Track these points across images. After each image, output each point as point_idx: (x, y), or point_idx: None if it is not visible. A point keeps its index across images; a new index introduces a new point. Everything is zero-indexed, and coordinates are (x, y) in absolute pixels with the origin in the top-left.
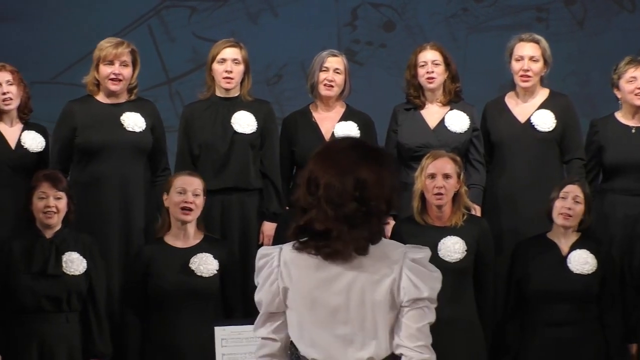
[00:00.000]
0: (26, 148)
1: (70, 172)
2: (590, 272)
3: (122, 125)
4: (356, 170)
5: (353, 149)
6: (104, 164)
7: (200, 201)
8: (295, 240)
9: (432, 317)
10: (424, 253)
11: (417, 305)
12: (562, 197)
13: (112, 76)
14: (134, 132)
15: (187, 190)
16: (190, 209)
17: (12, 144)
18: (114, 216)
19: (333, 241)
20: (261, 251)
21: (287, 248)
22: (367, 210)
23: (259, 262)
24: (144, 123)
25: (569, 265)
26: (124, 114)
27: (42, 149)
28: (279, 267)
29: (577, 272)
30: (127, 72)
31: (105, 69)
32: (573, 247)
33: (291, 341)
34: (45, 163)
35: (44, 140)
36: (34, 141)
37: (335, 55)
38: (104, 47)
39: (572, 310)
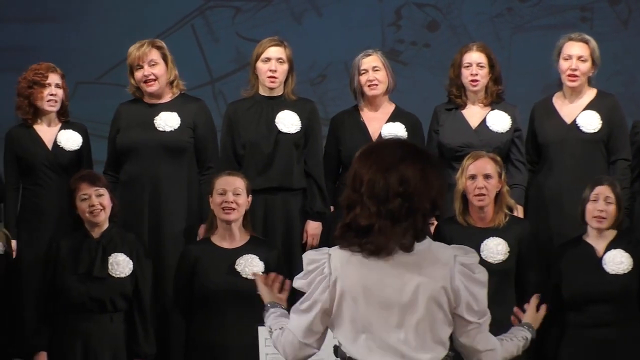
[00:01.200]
0: (62, 147)
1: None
2: (626, 271)
3: (154, 125)
4: (400, 167)
5: (398, 147)
6: (135, 164)
7: (242, 200)
8: (342, 239)
9: (488, 318)
10: (474, 258)
11: (474, 314)
12: (594, 200)
13: (144, 79)
14: (164, 131)
15: (228, 191)
16: (232, 209)
17: (49, 144)
18: (144, 217)
19: (376, 236)
20: (309, 255)
21: (336, 253)
22: (410, 206)
23: (307, 267)
24: (178, 122)
25: (604, 266)
26: (159, 114)
27: (78, 147)
28: (329, 275)
29: (613, 272)
30: (158, 70)
31: (137, 74)
32: (608, 248)
33: (337, 347)
34: (83, 162)
35: (81, 138)
36: (69, 140)
37: (369, 55)
38: (130, 53)
39: (611, 311)
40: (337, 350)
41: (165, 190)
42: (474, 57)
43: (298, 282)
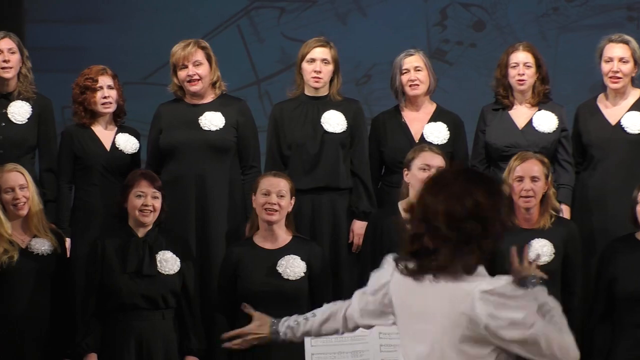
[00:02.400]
0: (121, 150)
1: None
2: None
3: (199, 124)
4: (472, 192)
5: (460, 174)
6: (180, 164)
7: (285, 202)
8: (403, 264)
9: (542, 332)
10: (496, 282)
11: (517, 330)
12: None
13: (188, 78)
14: (210, 131)
15: (272, 192)
16: (275, 210)
17: (107, 146)
18: (191, 216)
19: (441, 258)
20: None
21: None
22: (484, 229)
23: (372, 277)
24: (223, 122)
25: None
26: (203, 114)
27: (135, 151)
28: (389, 282)
29: None
30: (202, 70)
31: (181, 74)
32: None
33: None
34: (138, 165)
35: (137, 142)
36: (127, 143)
37: (411, 54)
38: (175, 53)
39: None
40: None
41: (210, 189)
42: (521, 57)
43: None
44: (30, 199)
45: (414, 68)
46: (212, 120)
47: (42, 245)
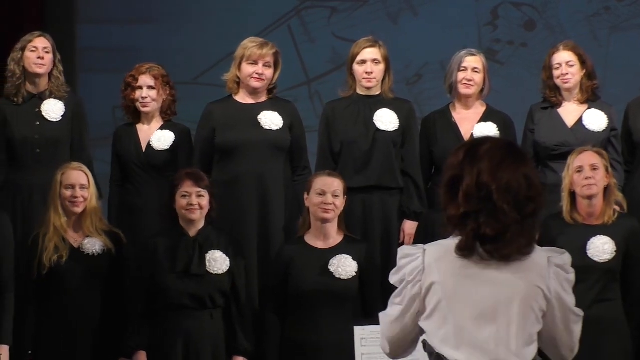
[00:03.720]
0: (153, 147)
1: (212, 172)
2: None
3: (259, 123)
4: (524, 169)
5: (508, 149)
6: (242, 163)
7: (339, 202)
8: (465, 250)
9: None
10: (567, 259)
11: (568, 313)
12: None
13: (255, 75)
14: (271, 130)
15: (327, 192)
16: (331, 210)
17: (144, 144)
18: (252, 215)
19: (506, 244)
20: (404, 250)
21: (431, 249)
22: (535, 208)
23: (400, 262)
24: (282, 121)
25: None
26: (261, 113)
27: (168, 147)
28: (423, 270)
29: None
30: (269, 72)
31: (248, 68)
32: None
33: (426, 341)
34: (181, 161)
35: (173, 137)
36: (161, 140)
37: (473, 55)
38: (249, 47)
39: None
40: (425, 345)
41: (270, 188)
42: (563, 57)
43: (393, 278)
44: (88, 200)
45: (472, 68)
46: (273, 120)
47: (93, 246)
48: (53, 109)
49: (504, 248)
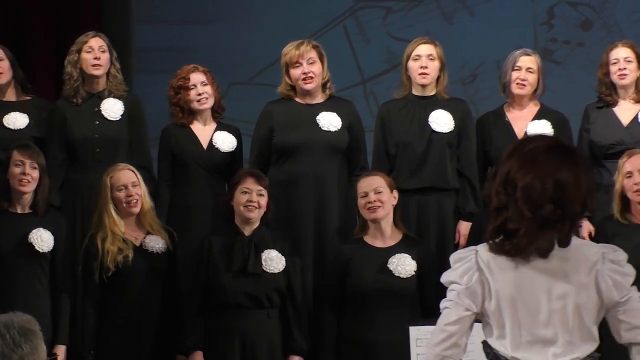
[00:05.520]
0: (217, 148)
1: (268, 172)
2: None
3: (318, 124)
4: (557, 173)
5: (552, 149)
6: (299, 163)
7: (385, 197)
8: (492, 240)
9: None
10: (622, 255)
11: (628, 305)
12: None
13: (303, 76)
14: (329, 131)
15: (369, 192)
16: (377, 207)
17: (205, 144)
18: (308, 215)
19: (518, 238)
20: (456, 255)
21: (483, 249)
22: (563, 212)
23: (454, 265)
24: (340, 122)
25: None
26: (320, 114)
27: (232, 149)
28: (479, 269)
29: None
30: (316, 68)
31: (295, 72)
32: None
33: (486, 342)
34: (237, 163)
35: (235, 140)
36: (225, 141)
37: (528, 54)
38: (288, 52)
39: None
40: (485, 345)
41: (327, 189)
42: (621, 53)
43: (445, 277)
44: (143, 197)
45: (527, 68)
46: (331, 121)
47: (156, 243)
48: (112, 108)
49: (514, 242)
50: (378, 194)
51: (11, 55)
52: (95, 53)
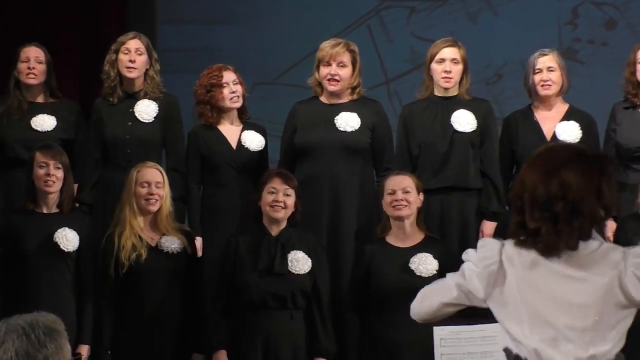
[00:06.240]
0: (247, 147)
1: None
2: None
3: (335, 124)
4: (561, 172)
5: (563, 151)
6: (316, 164)
7: (412, 197)
8: (515, 238)
9: None
10: None
11: None
12: None
13: (329, 77)
14: (345, 131)
15: (397, 190)
16: (403, 205)
17: (234, 144)
18: (323, 215)
19: (544, 236)
20: (484, 241)
21: (509, 243)
22: (574, 209)
23: (479, 249)
24: (358, 123)
25: None
26: (339, 114)
27: (261, 148)
28: (501, 258)
29: None
30: (344, 72)
31: (323, 70)
32: None
33: (508, 349)
34: (266, 162)
35: (263, 139)
36: (253, 140)
37: (545, 54)
38: (323, 48)
39: None
40: (508, 353)
41: (343, 189)
42: None
43: (465, 255)
44: (164, 198)
45: (547, 68)
46: (348, 121)
47: (172, 244)
48: (146, 110)
49: (544, 240)
50: (406, 193)
51: (50, 61)
52: (131, 55)
